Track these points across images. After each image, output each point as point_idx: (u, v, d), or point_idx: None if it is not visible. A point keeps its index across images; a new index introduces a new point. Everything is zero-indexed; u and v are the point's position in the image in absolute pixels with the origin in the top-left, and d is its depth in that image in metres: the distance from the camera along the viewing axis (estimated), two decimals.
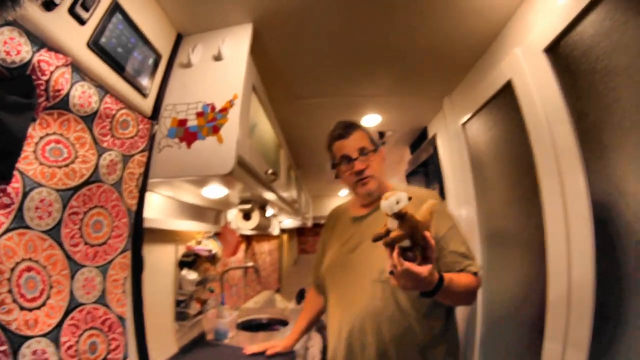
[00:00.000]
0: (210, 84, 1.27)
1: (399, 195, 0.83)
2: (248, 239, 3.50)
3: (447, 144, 2.28)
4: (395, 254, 0.87)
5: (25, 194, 0.71)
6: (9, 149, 0.67)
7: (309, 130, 2.71)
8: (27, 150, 0.73)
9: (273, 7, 1.32)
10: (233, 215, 2.36)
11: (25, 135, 0.71)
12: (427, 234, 0.88)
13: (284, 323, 2.56)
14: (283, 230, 4.80)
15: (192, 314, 1.83)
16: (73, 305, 0.81)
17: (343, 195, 5.76)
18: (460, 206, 2.11)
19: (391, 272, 0.91)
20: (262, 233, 3.56)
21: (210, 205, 2.11)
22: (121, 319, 0.95)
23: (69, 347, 0.78)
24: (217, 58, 1.30)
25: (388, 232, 0.87)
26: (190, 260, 1.81)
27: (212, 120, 1.19)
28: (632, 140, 0.95)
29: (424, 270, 0.88)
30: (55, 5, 0.75)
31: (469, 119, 1.95)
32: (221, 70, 1.29)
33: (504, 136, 1.65)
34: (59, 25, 0.78)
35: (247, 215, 2.19)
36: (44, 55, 0.72)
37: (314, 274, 1.61)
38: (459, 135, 2.06)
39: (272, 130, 2.12)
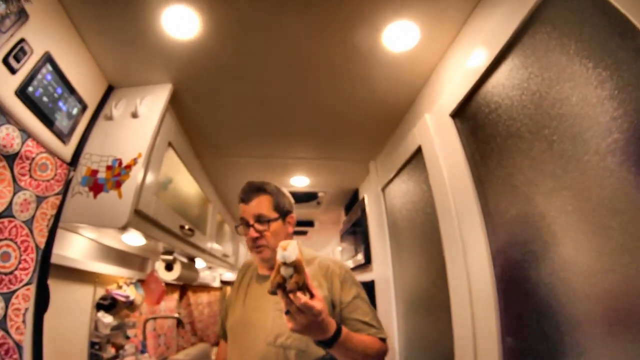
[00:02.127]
0: (123, 139, 1.46)
1: (293, 244, 0.95)
2: (182, 289, 3.61)
3: (372, 206, 2.42)
4: (294, 294, 0.94)
5: None
6: None
7: (241, 186, 2.90)
8: None
9: (192, 70, 1.51)
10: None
11: None
12: (308, 279, 0.98)
13: None
14: (225, 283, 4.89)
15: (106, 357, 1.95)
16: None
17: None
18: (379, 269, 2.22)
19: (287, 312, 0.99)
20: (195, 284, 3.67)
21: (136, 252, 2.27)
22: (19, 346, 1.10)
23: None
24: (134, 115, 1.49)
25: (283, 279, 0.95)
26: (107, 304, 1.95)
27: (117, 175, 1.38)
28: (522, 199, 1.03)
29: (318, 303, 0.97)
30: None
31: (387, 184, 2.09)
32: (134, 127, 1.48)
33: (416, 201, 1.73)
34: None
35: (169, 266, 2.35)
36: None
37: (220, 326, 1.68)
38: (379, 199, 2.21)
39: (197, 185, 2.32)
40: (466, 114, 1.30)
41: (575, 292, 0.83)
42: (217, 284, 4.30)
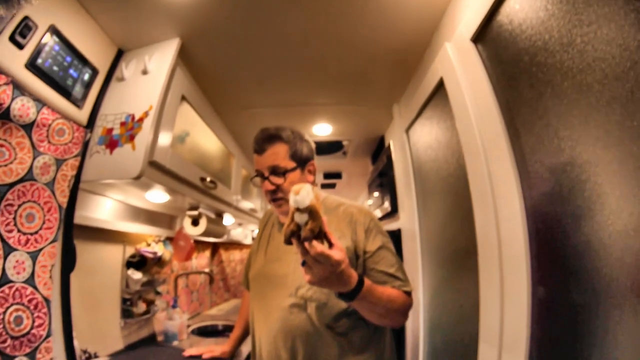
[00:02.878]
0: (135, 95, 1.52)
1: (307, 188, 0.87)
2: (214, 247, 3.75)
3: (398, 152, 2.34)
4: (309, 243, 0.89)
5: None
6: None
7: None
8: None
9: (199, 21, 1.52)
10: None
11: None
12: (325, 226, 0.91)
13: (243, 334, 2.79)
14: None
15: (138, 313, 2.08)
16: (4, 281, 1.08)
17: None
18: (406, 219, 2.18)
19: (303, 263, 0.95)
20: (227, 242, 3.79)
21: (163, 210, 2.37)
22: (47, 300, 1.21)
23: None
24: (144, 72, 1.55)
25: (297, 227, 0.89)
26: (136, 262, 2.07)
27: (130, 129, 1.45)
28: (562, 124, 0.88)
29: (336, 252, 0.92)
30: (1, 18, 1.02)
31: (411, 124, 2.01)
32: (145, 83, 1.54)
33: (440, 140, 1.64)
34: (0, 51, 1.05)
35: (195, 221, 2.45)
36: None
37: (244, 277, 1.71)
38: (403, 143, 2.13)
39: (218, 140, 2.38)
40: (488, 37, 1.18)
41: (613, 253, 0.75)
42: (248, 241, 4.40)
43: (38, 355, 1.15)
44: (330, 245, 0.94)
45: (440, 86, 1.50)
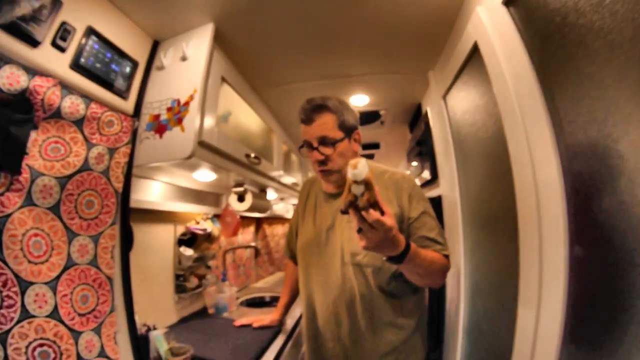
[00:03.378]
0: (177, 81, 1.60)
1: (363, 162, 0.95)
2: (258, 222, 3.88)
3: (435, 118, 2.36)
4: (366, 212, 0.99)
5: (32, 181, 1.09)
6: (17, 151, 1.06)
7: None
8: (34, 150, 1.11)
9: (231, 4, 1.56)
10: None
11: (27, 140, 1.09)
12: (378, 195, 1.00)
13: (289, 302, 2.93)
14: None
15: (190, 287, 2.23)
16: (70, 264, 1.19)
17: None
18: (446, 185, 2.20)
19: (359, 230, 1.03)
20: (269, 216, 3.92)
21: (209, 189, 2.50)
22: (109, 279, 1.33)
23: (64, 295, 1.16)
24: (183, 58, 1.62)
25: (355, 197, 0.98)
26: (187, 239, 2.20)
27: (177, 113, 1.53)
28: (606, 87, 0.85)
29: (389, 219, 1.01)
30: (39, 43, 1.11)
31: (447, 90, 1.99)
32: (185, 69, 1.61)
33: (478, 104, 1.62)
34: (45, 56, 1.14)
35: (240, 198, 2.55)
36: (37, 80, 1.08)
37: (288, 246, 1.88)
38: (441, 109, 2.13)
39: (257, 117, 2.46)
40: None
41: None
42: (290, 215, 4.53)
43: (103, 330, 1.27)
44: (382, 212, 1.02)
45: (474, 51, 1.49)
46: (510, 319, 1.29)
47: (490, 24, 1.33)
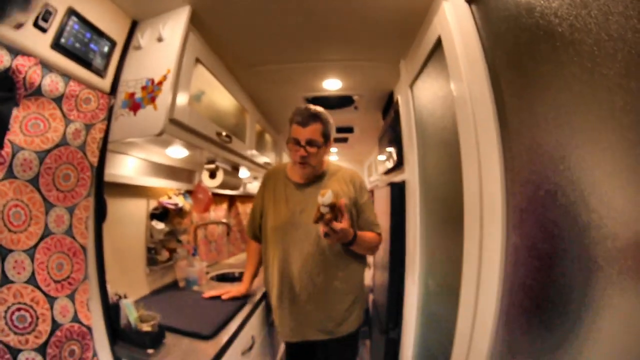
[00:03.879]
0: (152, 61, 1.67)
1: (329, 193, 1.53)
2: (231, 200, 3.97)
3: (404, 107, 2.44)
4: (333, 224, 1.60)
5: (13, 155, 1.17)
6: (1, 127, 1.14)
7: (277, 95, 3.12)
8: (15, 126, 1.18)
9: None
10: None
11: (10, 117, 1.16)
12: (342, 208, 1.63)
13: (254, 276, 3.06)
14: None
15: (161, 260, 2.32)
16: (46, 233, 1.28)
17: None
18: (409, 171, 2.30)
19: (326, 235, 1.64)
20: (243, 195, 4.01)
21: (183, 165, 2.58)
22: (83, 248, 1.42)
23: (41, 263, 1.25)
24: (159, 39, 1.68)
25: (322, 215, 1.57)
26: (159, 213, 2.29)
27: (151, 92, 1.61)
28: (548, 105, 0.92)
29: (346, 223, 1.64)
30: (22, 25, 1.18)
31: (414, 80, 2.10)
32: (161, 49, 1.68)
33: (438, 95, 1.73)
34: (27, 36, 1.20)
35: (212, 174, 2.65)
36: (19, 60, 1.15)
37: (251, 227, 2.21)
38: (408, 98, 2.25)
39: (232, 97, 2.54)
40: None
41: (596, 231, 0.77)
42: None
43: (77, 296, 1.36)
44: (341, 218, 1.64)
45: (438, 44, 1.58)
46: (455, 299, 1.43)
47: (454, 21, 1.42)
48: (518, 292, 1.08)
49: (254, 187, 4.03)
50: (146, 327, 1.55)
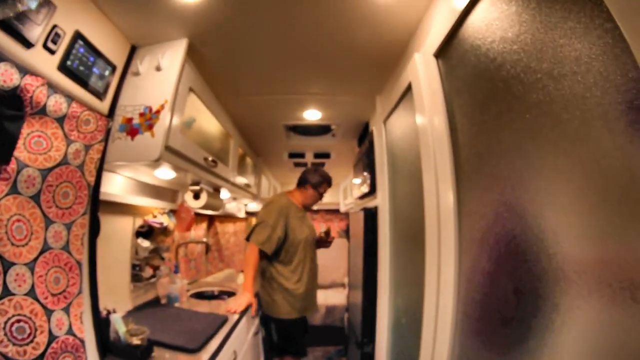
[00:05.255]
0: (150, 89, 1.71)
1: (323, 228, 3.27)
2: (210, 219, 3.98)
3: (377, 138, 2.55)
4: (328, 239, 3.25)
5: (18, 172, 1.20)
6: (9, 144, 1.17)
7: (260, 122, 3.23)
8: (19, 142, 1.21)
9: (205, 24, 1.71)
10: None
11: (19, 135, 1.19)
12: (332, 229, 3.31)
13: (231, 294, 3.11)
14: (250, 214, 5.25)
15: (145, 277, 2.33)
16: (46, 248, 1.29)
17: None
18: (381, 198, 2.41)
19: (326, 244, 3.26)
20: (222, 215, 4.04)
21: (168, 185, 2.60)
22: (79, 263, 1.43)
23: (40, 276, 1.25)
24: (158, 68, 1.73)
25: (321, 236, 3.23)
26: (144, 231, 2.30)
27: (149, 119, 1.65)
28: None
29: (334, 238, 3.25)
30: (33, 45, 1.21)
31: (387, 117, 2.22)
32: (159, 78, 1.73)
33: (407, 133, 1.85)
34: (36, 57, 1.23)
35: (196, 195, 2.67)
36: (27, 79, 1.17)
37: (271, 242, 2.66)
38: (381, 131, 2.38)
39: (218, 123, 2.60)
40: (448, 54, 1.34)
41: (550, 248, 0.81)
42: (242, 214, 4.66)
43: (71, 310, 1.37)
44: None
45: (409, 88, 1.69)
46: (421, 311, 1.52)
47: (423, 71, 1.53)
48: (469, 304, 1.20)
49: (232, 207, 4.06)
50: (136, 341, 1.57)
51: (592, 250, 0.71)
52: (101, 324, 1.57)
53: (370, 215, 2.55)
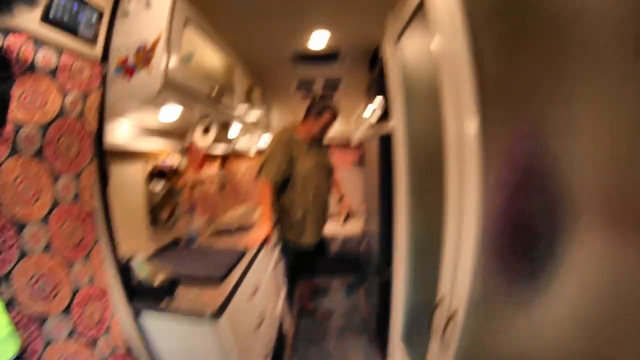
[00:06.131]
0: (142, 27, 1.65)
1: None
2: (223, 160, 3.99)
3: (391, 60, 2.40)
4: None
5: (16, 132, 1.19)
6: (2, 106, 1.15)
7: (266, 52, 3.15)
8: (13, 103, 1.19)
9: None
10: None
11: (10, 96, 1.16)
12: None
13: (248, 227, 3.20)
14: (261, 152, 5.21)
15: (162, 220, 2.37)
16: (56, 203, 1.31)
17: None
18: (396, 123, 2.31)
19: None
20: (233, 153, 4.05)
21: (175, 127, 2.57)
22: (92, 213, 1.46)
23: (55, 231, 1.29)
24: (147, 4, 1.66)
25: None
26: (155, 175, 2.32)
27: (144, 56, 1.61)
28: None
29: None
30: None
31: (401, 34, 2.07)
32: (150, 15, 1.66)
33: (423, 51, 1.72)
34: (17, 13, 1.18)
35: (205, 131, 2.66)
36: (10, 38, 1.14)
37: (278, 174, 2.92)
38: (394, 52, 2.24)
39: (220, 56, 2.52)
40: None
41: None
42: (253, 152, 4.66)
43: (91, 259, 1.42)
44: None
45: (421, 5, 1.58)
46: (439, 236, 1.51)
47: None
48: (493, 230, 1.17)
49: (243, 145, 4.05)
50: (159, 280, 1.63)
51: (611, 180, 0.70)
52: (124, 270, 1.62)
53: (385, 140, 2.48)
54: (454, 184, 1.37)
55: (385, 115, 2.63)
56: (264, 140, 4.77)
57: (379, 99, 2.90)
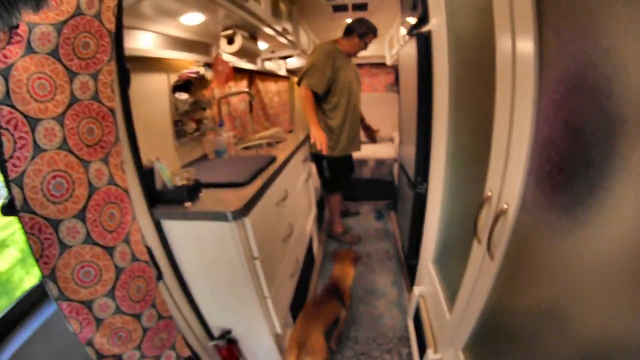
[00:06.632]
0: None
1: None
2: (251, 76, 3.94)
3: None
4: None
5: (30, 31, 1.16)
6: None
7: None
8: None
9: None
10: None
11: None
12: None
13: (280, 141, 3.20)
14: (291, 72, 5.17)
15: (189, 132, 2.38)
16: (73, 100, 1.30)
17: None
18: (435, 21, 2.12)
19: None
20: (260, 69, 3.97)
21: (200, 38, 2.54)
22: (112, 111, 1.45)
23: (71, 128, 1.29)
24: None
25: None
26: (181, 84, 2.30)
27: None
28: None
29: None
30: None
31: None
32: None
33: None
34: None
35: (230, 40, 2.62)
36: None
37: (322, 83, 3.16)
38: None
39: None
40: None
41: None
42: (283, 72, 4.58)
43: (110, 159, 1.42)
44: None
45: None
46: (485, 148, 1.37)
47: None
48: (546, 145, 1.04)
49: (271, 64, 3.99)
50: (181, 181, 1.65)
51: None
52: (146, 175, 1.63)
53: (424, 40, 2.26)
54: (506, 95, 1.18)
55: (423, 17, 2.41)
56: (294, 61, 4.69)
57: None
